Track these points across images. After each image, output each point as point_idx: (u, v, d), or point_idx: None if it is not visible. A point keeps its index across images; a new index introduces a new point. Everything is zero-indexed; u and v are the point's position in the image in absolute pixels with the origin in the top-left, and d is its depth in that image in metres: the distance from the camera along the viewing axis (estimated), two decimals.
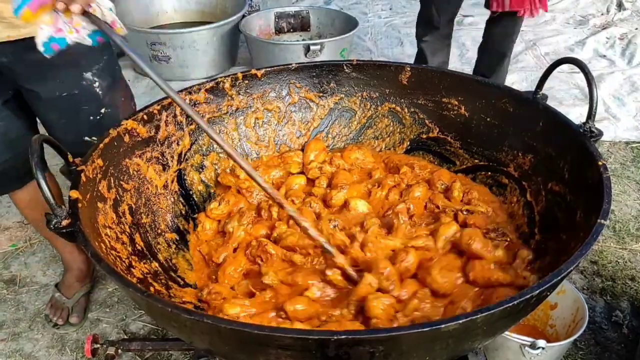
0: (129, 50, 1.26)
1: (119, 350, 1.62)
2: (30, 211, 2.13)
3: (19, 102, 1.81)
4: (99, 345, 1.62)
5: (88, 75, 1.73)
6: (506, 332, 1.77)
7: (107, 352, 1.61)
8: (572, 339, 1.84)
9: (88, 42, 1.32)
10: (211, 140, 1.70)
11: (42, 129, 1.92)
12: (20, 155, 1.83)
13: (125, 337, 2.24)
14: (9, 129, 1.80)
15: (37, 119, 1.90)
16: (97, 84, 1.75)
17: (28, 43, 1.59)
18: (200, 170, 1.70)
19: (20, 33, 1.59)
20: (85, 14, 1.26)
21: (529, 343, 1.77)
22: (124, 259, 1.28)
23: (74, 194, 1.20)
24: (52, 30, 1.26)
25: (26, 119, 1.85)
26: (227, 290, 1.38)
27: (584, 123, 1.35)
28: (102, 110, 1.77)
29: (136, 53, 1.27)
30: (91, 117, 1.76)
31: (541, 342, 1.76)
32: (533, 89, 1.54)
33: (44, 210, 1.14)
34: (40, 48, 1.28)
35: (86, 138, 1.71)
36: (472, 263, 1.32)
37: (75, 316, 2.28)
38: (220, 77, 1.70)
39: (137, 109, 1.56)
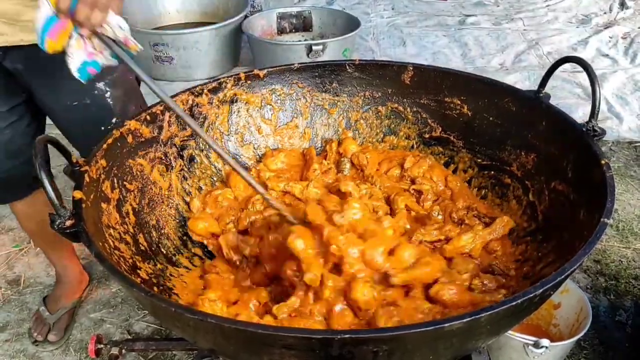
0: (136, 69, 1.26)
1: (123, 351, 1.62)
2: (26, 222, 2.10)
3: (28, 108, 1.78)
4: (102, 346, 1.62)
5: (100, 85, 1.71)
6: (510, 332, 1.77)
7: (111, 352, 1.61)
8: (575, 338, 1.84)
9: (114, 62, 1.30)
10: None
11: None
12: (21, 165, 1.80)
13: (129, 337, 2.24)
14: (14, 137, 1.77)
15: (43, 129, 1.89)
16: (108, 94, 1.73)
17: (41, 50, 1.61)
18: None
19: (33, 37, 1.55)
20: (96, 34, 1.23)
21: (532, 342, 1.77)
22: (127, 259, 1.28)
23: (78, 194, 1.20)
24: (84, 55, 1.24)
25: (33, 127, 1.82)
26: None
27: (587, 122, 1.34)
28: (113, 120, 1.75)
29: (141, 70, 1.28)
30: (102, 127, 1.73)
31: (545, 342, 1.76)
32: (535, 88, 1.53)
33: (39, 221, 1.12)
34: (75, 74, 1.25)
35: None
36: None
37: (54, 334, 2.22)
38: (223, 78, 1.70)
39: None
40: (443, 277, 1.28)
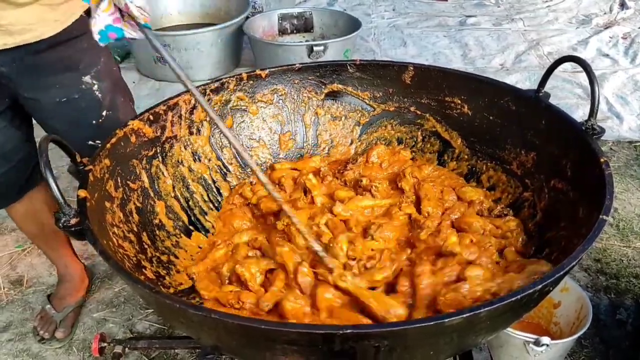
0: (157, 44, 1.32)
1: (126, 349, 1.64)
2: (25, 224, 2.10)
3: (15, 113, 1.78)
4: (106, 344, 1.64)
5: (87, 78, 1.71)
6: (511, 329, 1.78)
7: (115, 350, 1.62)
8: (575, 336, 1.85)
9: (138, 36, 1.33)
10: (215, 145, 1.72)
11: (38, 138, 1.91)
12: (15, 168, 1.82)
13: (132, 336, 2.25)
14: (5, 142, 1.77)
15: (34, 130, 1.88)
16: (96, 86, 1.73)
17: (25, 50, 1.58)
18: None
19: (16, 40, 1.56)
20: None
21: (533, 340, 1.78)
22: (131, 257, 1.29)
23: (82, 193, 1.22)
24: (109, 19, 1.28)
25: (22, 130, 1.82)
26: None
27: (586, 121, 1.35)
28: (104, 113, 1.74)
29: (160, 42, 1.34)
30: (93, 121, 1.74)
31: (545, 339, 1.76)
32: (536, 88, 1.54)
33: (38, 222, 1.10)
34: (96, 36, 1.29)
35: (90, 142, 1.60)
36: None
37: (62, 331, 2.23)
38: (225, 78, 1.71)
39: (141, 110, 1.56)
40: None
